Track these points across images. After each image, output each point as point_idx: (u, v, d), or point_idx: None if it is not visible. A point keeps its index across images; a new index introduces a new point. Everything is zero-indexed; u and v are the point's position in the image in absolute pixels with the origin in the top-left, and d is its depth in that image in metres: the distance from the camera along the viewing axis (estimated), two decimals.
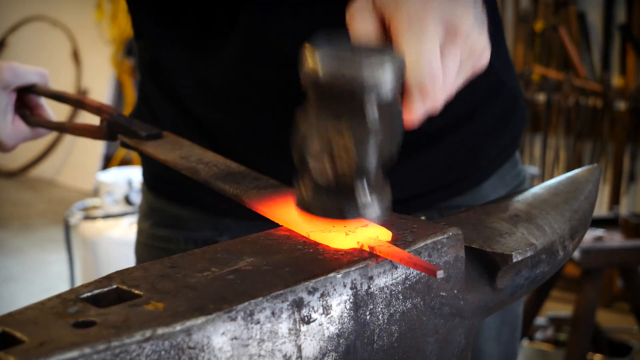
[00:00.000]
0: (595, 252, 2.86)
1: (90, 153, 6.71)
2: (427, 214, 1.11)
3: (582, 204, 0.97)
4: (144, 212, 1.24)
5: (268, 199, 0.83)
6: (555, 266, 0.91)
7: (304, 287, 0.63)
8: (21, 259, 5.16)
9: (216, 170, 0.91)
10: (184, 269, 0.65)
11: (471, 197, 1.14)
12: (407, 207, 1.09)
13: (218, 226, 1.14)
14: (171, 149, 0.97)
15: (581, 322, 2.89)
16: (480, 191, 1.15)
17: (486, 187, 1.15)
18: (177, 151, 0.97)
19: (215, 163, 0.93)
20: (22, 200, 6.63)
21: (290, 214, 0.78)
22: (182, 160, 0.94)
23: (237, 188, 0.85)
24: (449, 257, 0.76)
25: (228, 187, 0.86)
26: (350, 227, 0.73)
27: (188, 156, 0.95)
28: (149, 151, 0.98)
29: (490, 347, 1.16)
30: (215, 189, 0.88)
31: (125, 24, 6.20)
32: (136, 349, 0.53)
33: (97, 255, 3.52)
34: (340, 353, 0.66)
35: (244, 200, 0.83)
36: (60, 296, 0.60)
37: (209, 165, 0.92)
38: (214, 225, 1.15)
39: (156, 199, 1.21)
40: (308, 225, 0.75)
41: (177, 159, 0.94)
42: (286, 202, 0.81)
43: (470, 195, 1.13)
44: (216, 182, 0.88)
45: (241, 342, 0.59)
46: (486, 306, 0.84)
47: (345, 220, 0.72)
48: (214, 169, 0.91)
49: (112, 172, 4.01)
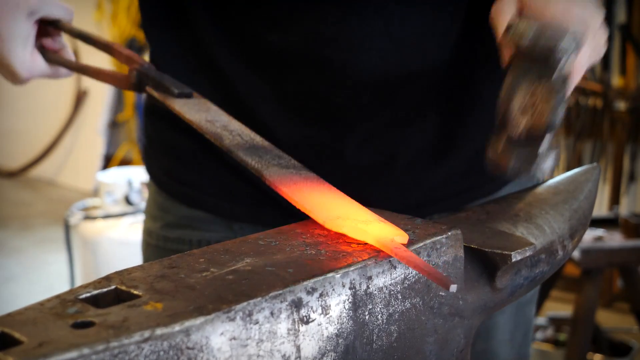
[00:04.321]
0: (595, 252, 2.86)
1: (90, 153, 6.71)
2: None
3: (582, 203, 0.97)
4: (153, 213, 1.20)
5: (288, 179, 0.82)
6: (554, 266, 0.91)
7: (303, 287, 0.63)
8: (21, 259, 5.16)
9: (240, 140, 0.89)
10: (183, 269, 0.65)
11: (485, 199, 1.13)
12: (429, 210, 1.09)
13: (232, 226, 1.12)
14: (198, 110, 0.95)
15: (581, 322, 2.89)
16: (498, 194, 1.14)
17: (504, 191, 1.15)
18: (203, 113, 0.94)
19: (239, 132, 0.91)
20: (22, 200, 6.63)
21: (309, 198, 0.78)
22: (207, 124, 0.92)
23: (258, 162, 0.84)
24: (448, 257, 0.76)
25: (250, 160, 0.85)
26: (367, 221, 0.73)
27: (214, 120, 0.93)
28: (175, 108, 0.95)
29: (504, 350, 1.16)
30: (237, 159, 0.86)
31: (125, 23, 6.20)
32: (135, 350, 0.53)
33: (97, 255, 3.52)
34: (339, 353, 0.66)
35: (264, 176, 0.82)
36: (60, 297, 0.60)
37: (234, 134, 0.90)
38: (228, 226, 1.12)
39: (167, 199, 1.17)
40: (325, 213, 0.74)
41: (203, 122, 0.92)
42: (306, 187, 0.81)
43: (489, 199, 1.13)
44: (238, 153, 0.86)
45: (240, 343, 0.59)
46: (485, 306, 0.84)
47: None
48: (238, 138, 0.90)
49: (112, 172, 4.00)
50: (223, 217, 1.12)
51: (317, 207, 0.76)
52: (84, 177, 6.69)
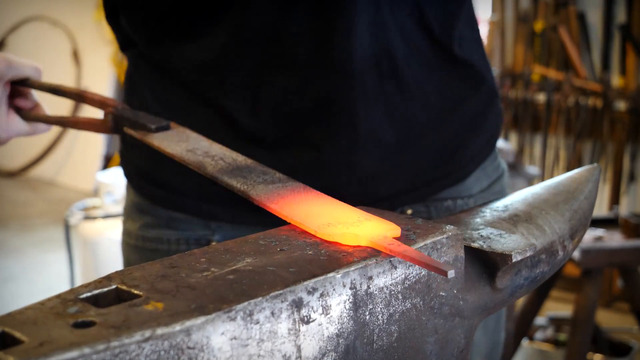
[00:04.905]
0: (595, 252, 2.86)
1: (90, 153, 6.71)
2: (414, 208, 1.13)
3: (582, 203, 0.97)
4: (130, 212, 1.21)
5: (275, 195, 0.83)
6: (555, 266, 0.91)
7: (304, 287, 0.63)
8: (21, 259, 5.16)
9: (223, 164, 0.90)
10: (183, 269, 0.65)
11: (455, 189, 1.16)
12: (396, 202, 1.11)
13: (210, 225, 1.13)
14: (177, 141, 0.96)
15: (581, 322, 2.89)
16: (464, 184, 1.16)
17: (470, 180, 1.17)
18: (183, 144, 0.96)
19: (221, 156, 0.92)
20: (22, 200, 6.63)
21: (298, 210, 0.78)
22: (188, 154, 0.93)
23: (244, 183, 0.85)
24: (449, 257, 0.76)
25: (235, 183, 0.86)
26: (357, 222, 0.74)
27: (194, 149, 0.94)
28: (155, 144, 0.97)
29: (478, 337, 1.18)
30: (222, 184, 0.87)
31: None
32: (135, 349, 0.53)
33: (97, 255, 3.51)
34: (339, 353, 0.66)
35: (251, 197, 0.83)
36: (60, 296, 0.60)
37: (216, 159, 0.91)
38: (206, 225, 1.13)
39: (143, 199, 1.18)
40: (315, 222, 0.75)
41: (184, 153, 0.93)
42: (294, 198, 0.82)
43: (455, 188, 1.15)
44: (223, 177, 0.87)
45: (240, 342, 0.59)
46: (486, 306, 0.84)
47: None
48: (221, 162, 0.91)
49: (112, 172, 4.00)
50: (202, 217, 1.13)
51: (307, 217, 0.77)
52: (84, 177, 6.69)
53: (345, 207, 0.80)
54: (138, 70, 1.15)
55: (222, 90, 1.06)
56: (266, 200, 0.82)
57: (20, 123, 1.11)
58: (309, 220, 0.76)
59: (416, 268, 0.73)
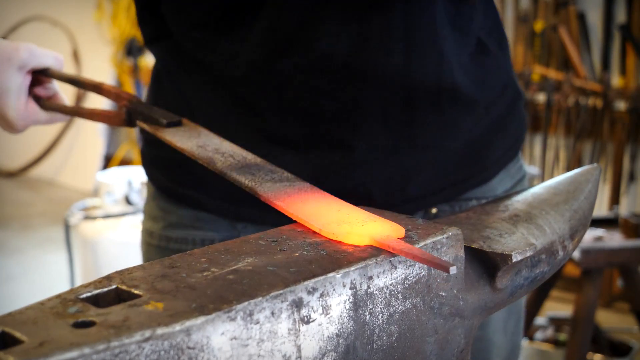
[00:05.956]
0: (595, 252, 2.86)
1: (90, 153, 6.71)
2: (439, 207, 1.13)
3: (582, 203, 0.97)
4: (153, 214, 1.20)
5: (282, 193, 0.84)
6: (555, 266, 0.91)
7: (304, 287, 0.64)
8: (21, 259, 5.16)
9: (232, 161, 0.92)
10: (183, 269, 0.65)
11: (480, 190, 1.16)
12: (423, 203, 1.11)
13: (236, 225, 1.12)
14: (189, 137, 0.98)
15: (581, 322, 2.89)
16: (488, 185, 1.16)
17: (494, 180, 1.17)
18: (194, 139, 0.97)
19: (231, 153, 0.93)
20: (22, 200, 6.63)
21: (303, 208, 0.79)
22: (199, 150, 0.94)
23: (252, 180, 0.86)
24: (449, 257, 0.76)
25: (243, 179, 0.87)
26: (362, 222, 0.74)
27: (205, 145, 0.95)
28: (167, 138, 0.98)
29: (498, 338, 1.17)
30: (230, 180, 0.88)
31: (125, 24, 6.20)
32: (136, 349, 0.53)
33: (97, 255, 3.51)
34: (339, 353, 0.66)
35: (258, 193, 0.84)
36: (60, 296, 0.60)
37: (225, 156, 0.93)
38: (231, 225, 1.12)
39: (168, 201, 1.17)
40: (320, 221, 0.75)
41: (195, 148, 0.94)
42: (300, 197, 0.82)
43: (480, 188, 1.15)
44: (231, 173, 0.88)
45: (240, 342, 0.59)
46: (486, 306, 0.84)
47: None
48: (230, 159, 0.92)
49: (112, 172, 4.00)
50: (228, 218, 1.12)
51: (312, 216, 0.77)
52: (84, 177, 6.69)
53: (350, 207, 0.80)
54: (166, 66, 1.15)
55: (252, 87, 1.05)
56: (273, 197, 0.82)
57: (39, 112, 1.12)
58: (315, 219, 0.77)
59: (416, 268, 0.73)
